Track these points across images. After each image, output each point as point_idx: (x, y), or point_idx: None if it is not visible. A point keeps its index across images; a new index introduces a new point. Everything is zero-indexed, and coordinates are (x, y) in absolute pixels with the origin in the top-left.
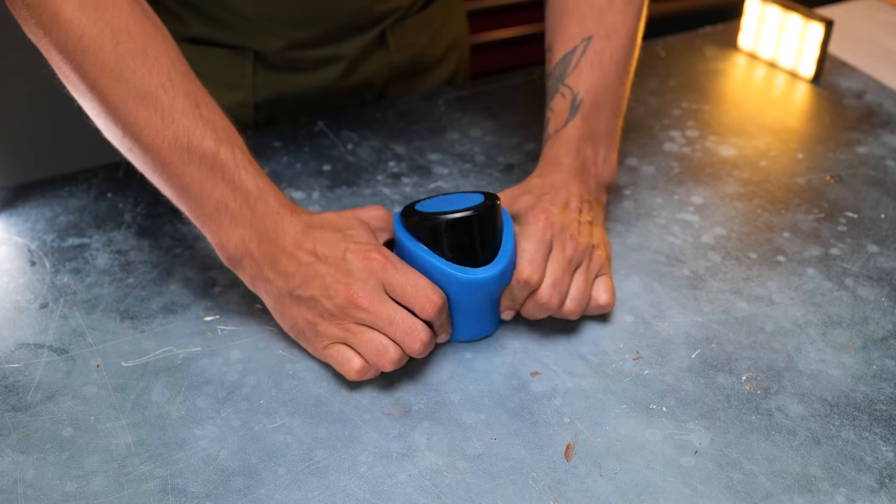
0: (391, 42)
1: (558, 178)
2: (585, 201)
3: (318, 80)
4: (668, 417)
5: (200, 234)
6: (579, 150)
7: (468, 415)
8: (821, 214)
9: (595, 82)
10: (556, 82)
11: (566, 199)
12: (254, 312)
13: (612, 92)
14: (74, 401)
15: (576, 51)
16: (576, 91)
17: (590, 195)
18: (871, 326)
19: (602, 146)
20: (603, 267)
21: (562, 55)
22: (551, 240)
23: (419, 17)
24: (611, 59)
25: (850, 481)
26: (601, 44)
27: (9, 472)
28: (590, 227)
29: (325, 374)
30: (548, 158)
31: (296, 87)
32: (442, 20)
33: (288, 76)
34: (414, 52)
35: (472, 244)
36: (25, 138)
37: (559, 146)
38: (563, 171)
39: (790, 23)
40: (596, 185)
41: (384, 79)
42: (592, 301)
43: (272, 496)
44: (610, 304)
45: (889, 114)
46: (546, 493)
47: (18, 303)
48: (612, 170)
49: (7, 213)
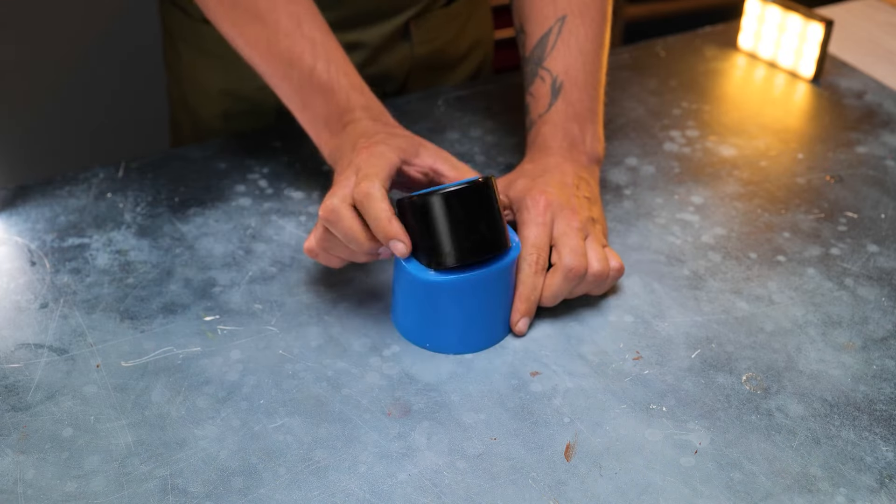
0: (414, 34)
1: (550, 160)
2: (581, 178)
3: None
4: (668, 417)
5: (200, 234)
6: (566, 131)
7: (468, 415)
8: (821, 214)
9: (574, 62)
10: (535, 66)
11: (561, 179)
12: (254, 312)
13: (591, 69)
14: (74, 401)
15: (551, 32)
16: (555, 73)
17: (583, 172)
18: (871, 326)
19: (588, 123)
20: (604, 240)
21: (538, 38)
22: (552, 220)
23: (444, 11)
24: (586, 37)
25: (850, 481)
26: (575, 22)
27: (9, 472)
28: (588, 202)
29: (325, 374)
30: (536, 144)
31: None
32: (467, 16)
33: None
34: (436, 47)
35: (469, 219)
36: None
37: (545, 130)
38: (553, 153)
39: (790, 23)
40: (587, 161)
41: (405, 71)
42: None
43: (272, 496)
44: (623, 268)
45: (889, 114)
46: (546, 493)
47: (18, 303)
48: (600, 144)
49: (7, 213)
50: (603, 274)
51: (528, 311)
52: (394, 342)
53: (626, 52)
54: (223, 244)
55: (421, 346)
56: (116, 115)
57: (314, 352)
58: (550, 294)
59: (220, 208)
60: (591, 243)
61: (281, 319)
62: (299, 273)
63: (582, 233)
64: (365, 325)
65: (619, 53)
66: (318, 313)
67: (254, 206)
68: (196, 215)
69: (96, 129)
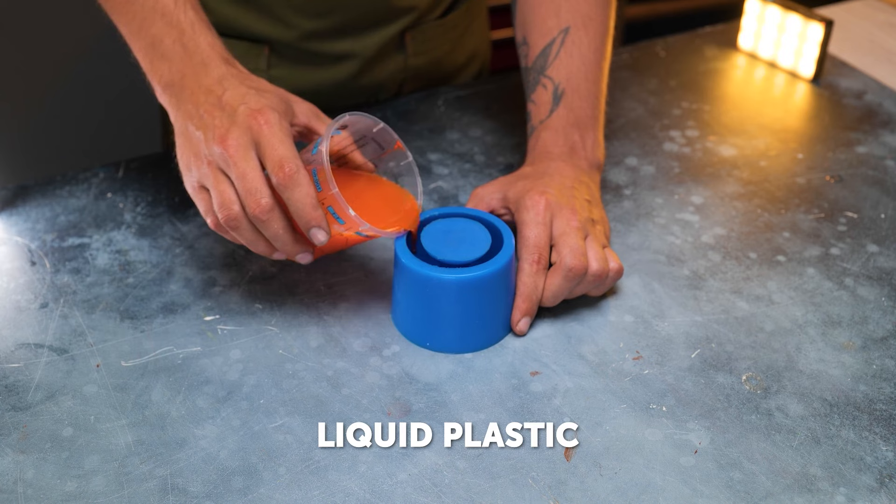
0: (409, 45)
1: (550, 164)
2: (581, 182)
3: (333, 77)
4: (667, 417)
5: (201, 234)
6: (567, 136)
7: (468, 415)
8: (821, 214)
9: (576, 71)
10: (537, 75)
11: (561, 181)
12: (254, 312)
13: (593, 78)
14: (74, 400)
15: (554, 42)
16: (557, 81)
17: (583, 176)
18: (871, 326)
19: (589, 130)
20: (605, 241)
21: (541, 48)
22: (552, 220)
23: (440, 23)
24: (589, 48)
25: (850, 481)
26: (579, 33)
27: (9, 472)
28: (588, 204)
29: (325, 374)
30: (536, 149)
31: (310, 82)
32: (464, 28)
33: (302, 70)
34: (432, 58)
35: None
36: (25, 138)
37: (546, 136)
38: (553, 158)
39: (790, 23)
40: (588, 166)
41: (398, 82)
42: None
43: (272, 496)
44: (622, 269)
45: (889, 114)
46: (546, 492)
47: (18, 303)
48: (600, 150)
49: (7, 213)
50: (602, 273)
51: (530, 310)
52: (394, 342)
53: (626, 52)
54: (223, 244)
55: (421, 346)
56: (116, 115)
57: (314, 352)
58: (551, 294)
59: None
60: (591, 243)
61: (281, 319)
62: (299, 273)
63: (581, 232)
64: (365, 325)
65: (619, 53)
66: (318, 313)
67: None
68: (196, 215)
69: (96, 129)
